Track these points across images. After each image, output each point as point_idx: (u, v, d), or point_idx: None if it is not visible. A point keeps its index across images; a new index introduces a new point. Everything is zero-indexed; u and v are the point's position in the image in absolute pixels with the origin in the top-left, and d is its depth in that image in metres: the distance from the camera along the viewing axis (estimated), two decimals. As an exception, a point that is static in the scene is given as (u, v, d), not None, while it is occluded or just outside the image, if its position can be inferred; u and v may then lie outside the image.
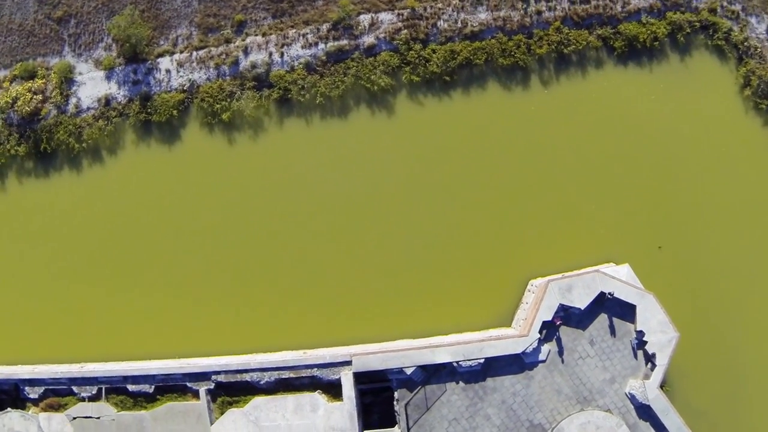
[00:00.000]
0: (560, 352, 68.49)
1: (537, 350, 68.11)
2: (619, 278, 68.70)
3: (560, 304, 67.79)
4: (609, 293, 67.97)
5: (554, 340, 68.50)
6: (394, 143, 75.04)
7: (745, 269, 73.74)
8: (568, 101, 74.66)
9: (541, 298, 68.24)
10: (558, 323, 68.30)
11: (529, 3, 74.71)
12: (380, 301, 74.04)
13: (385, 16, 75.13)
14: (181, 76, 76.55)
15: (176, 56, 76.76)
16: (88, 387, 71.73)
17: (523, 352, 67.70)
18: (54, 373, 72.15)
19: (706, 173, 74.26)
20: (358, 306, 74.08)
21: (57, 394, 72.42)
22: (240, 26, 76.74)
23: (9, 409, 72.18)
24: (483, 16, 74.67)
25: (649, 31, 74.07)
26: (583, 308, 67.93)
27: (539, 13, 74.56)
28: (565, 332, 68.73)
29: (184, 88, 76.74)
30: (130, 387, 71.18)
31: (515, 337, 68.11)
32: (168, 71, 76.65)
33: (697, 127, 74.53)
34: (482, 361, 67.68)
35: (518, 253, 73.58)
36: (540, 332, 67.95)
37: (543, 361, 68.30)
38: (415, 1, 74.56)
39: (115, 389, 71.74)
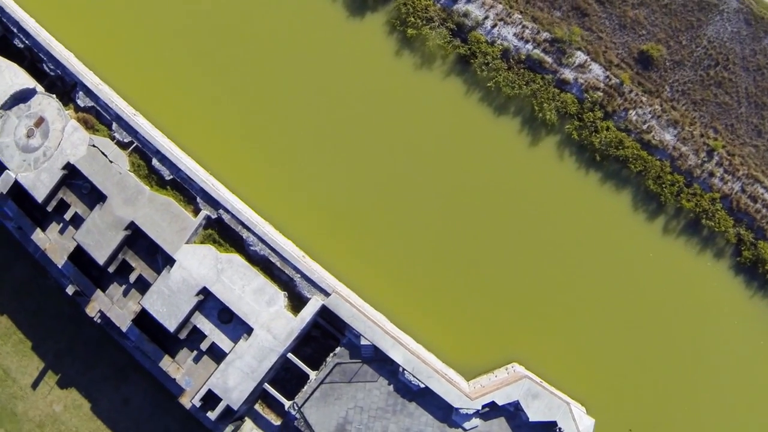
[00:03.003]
0: (484, 435, 69.03)
1: (468, 417, 68.26)
2: (578, 425, 68.37)
3: (518, 401, 67.75)
4: (560, 428, 67.83)
5: (488, 422, 68.78)
6: (512, 169, 74.36)
7: None
8: (668, 260, 73.06)
9: (508, 384, 68.24)
10: None
11: (711, 160, 72.79)
12: (391, 267, 74.55)
13: (596, 69, 73.40)
14: (403, -29, 76.27)
15: (410, -47, 76.31)
16: (125, 133, 72.46)
17: (457, 409, 67.91)
18: (110, 101, 72.76)
19: (734, 411, 72.65)
20: (372, 258, 74.71)
21: (98, 118, 73.26)
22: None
23: (54, 96, 72.94)
24: (667, 137, 72.94)
25: (780, 268, 72.59)
26: (530, 420, 67.80)
27: (711, 174, 72.62)
28: (501, 425, 68.82)
29: (398, -17, 76.56)
30: (155, 162, 71.89)
31: (463, 393, 68.20)
32: (396, -41, 76.40)
33: (757, 373, 72.85)
34: (423, 386, 68.04)
35: (525, 334, 73.24)
36: (483, 407, 68.10)
37: (465, 430, 68.55)
38: (629, 80, 72.69)
39: (143, 153, 72.46)
